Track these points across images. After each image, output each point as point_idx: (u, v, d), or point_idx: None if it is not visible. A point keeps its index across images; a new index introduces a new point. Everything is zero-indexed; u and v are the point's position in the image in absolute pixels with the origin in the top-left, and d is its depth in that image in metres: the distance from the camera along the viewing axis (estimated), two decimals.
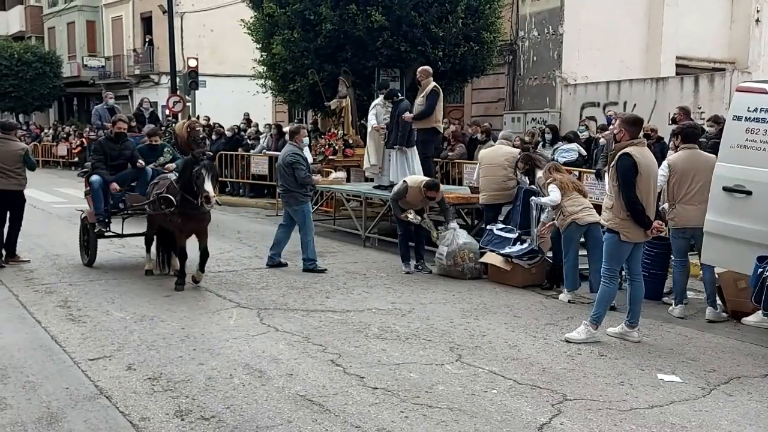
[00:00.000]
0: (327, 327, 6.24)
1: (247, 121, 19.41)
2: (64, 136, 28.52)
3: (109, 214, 8.64)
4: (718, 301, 6.85)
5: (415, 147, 10.33)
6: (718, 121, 8.37)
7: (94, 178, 8.62)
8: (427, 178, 8.96)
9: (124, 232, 9.04)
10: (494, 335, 6.11)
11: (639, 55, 18.07)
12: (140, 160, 8.83)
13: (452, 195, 9.94)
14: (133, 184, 8.90)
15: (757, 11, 19.29)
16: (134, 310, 6.75)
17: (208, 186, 7.07)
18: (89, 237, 8.74)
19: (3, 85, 33.13)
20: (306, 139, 9.48)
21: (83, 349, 5.56)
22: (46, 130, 31.35)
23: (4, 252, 8.93)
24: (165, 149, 9.65)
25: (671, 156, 7.05)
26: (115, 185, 8.55)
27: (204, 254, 7.65)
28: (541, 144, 12.59)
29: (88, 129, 29.10)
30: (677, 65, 18.16)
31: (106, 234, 8.73)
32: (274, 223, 10.69)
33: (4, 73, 33.01)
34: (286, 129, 17.28)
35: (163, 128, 14.63)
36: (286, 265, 8.90)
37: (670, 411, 4.52)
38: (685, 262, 6.91)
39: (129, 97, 34.13)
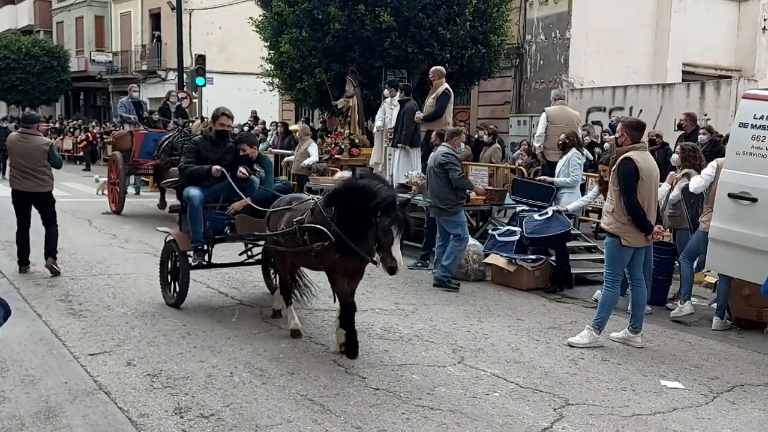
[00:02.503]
0: (329, 326, 6.21)
1: (254, 119, 19.41)
2: (70, 130, 28.57)
3: (210, 241, 6.60)
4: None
5: (419, 147, 10.32)
6: (711, 131, 8.50)
7: (193, 192, 6.43)
8: None
9: (214, 261, 6.91)
10: (497, 338, 6.09)
11: (646, 60, 18.05)
12: (243, 168, 6.55)
13: None
14: (233, 199, 6.61)
15: (764, 19, 19.26)
16: (135, 305, 6.74)
17: (397, 251, 4.90)
18: (178, 269, 6.64)
19: (11, 79, 33.24)
20: (463, 145, 9.10)
21: (83, 344, 5.55)
22: (52, 125, 31.41)
23: (26, 261, 8.04)
24: (262, 161, 7.04)
25: (719, 158, 6.84)
26: (236, 206, 6.45)
27: (349, 307, 5.43)
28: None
29: (93, 124, 29.23)
30: (684, 71, 18.15)
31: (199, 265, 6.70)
32: None
33: (12, 67, 33.12)
34: (293, 127, 17.33)
35: (183, 125, 13.22)
36: (456, 287, 7.83)
37: (672, 418, 4.49)
38: (694, 261, 6.86)
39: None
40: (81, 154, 26.07)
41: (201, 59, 21.94)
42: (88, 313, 6.43)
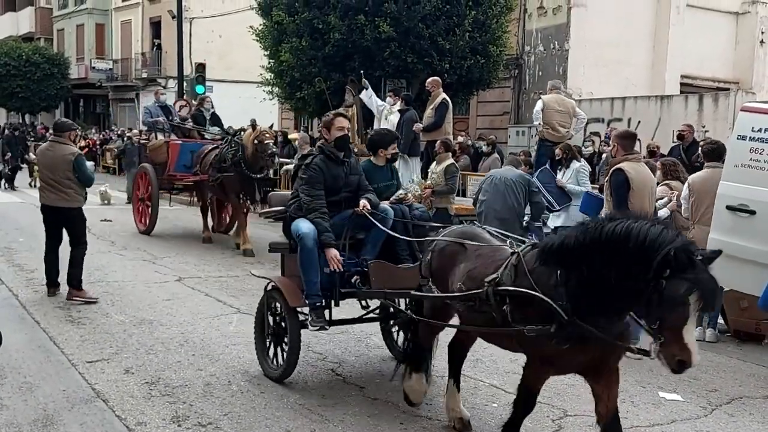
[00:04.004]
0: (328, 336, 6.19)
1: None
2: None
3: (334, 296, 4.89)
4: (720, 320, 6.81)
5: (417, 157, 10.35)
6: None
7: (305, 228, 4.76)
8: None
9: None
10: (496, 348, 6.04)
11: (644, 72, 18.14)
12: (369, 196, 4.97)
13: (456, 206, 9.93)
14: (360, 236, 5.05)
15: (762, 32, 19.39)
16: (134, 313, 6.73)
17: (692, 336, 3.04)
18: (284, 330, 4.98)
19: (11, 85, 33.33)
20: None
21: (81, 352, 5.53)
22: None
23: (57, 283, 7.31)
24: (394, 172, 5.64)
25: (692, 175, 6.94)
26: (335, 254, 4.76)
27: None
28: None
29: (93, 131, 29.26)
30: (682, 83, 18.24)
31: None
32: (274, 228, 10.57)
33: (12, 74, 33.22)
34: (292, 136, 17.36)
35: (227, 135, 11.37)
36: None
37: (671, 430, 4.49)
38: None
39: (135, 100, 34.25)
40: None
41: (201, 67, 21.96)
42: (87, 321, 6.42)
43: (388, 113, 10.83)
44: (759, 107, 6.47)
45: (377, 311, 5.40)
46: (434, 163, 9.02)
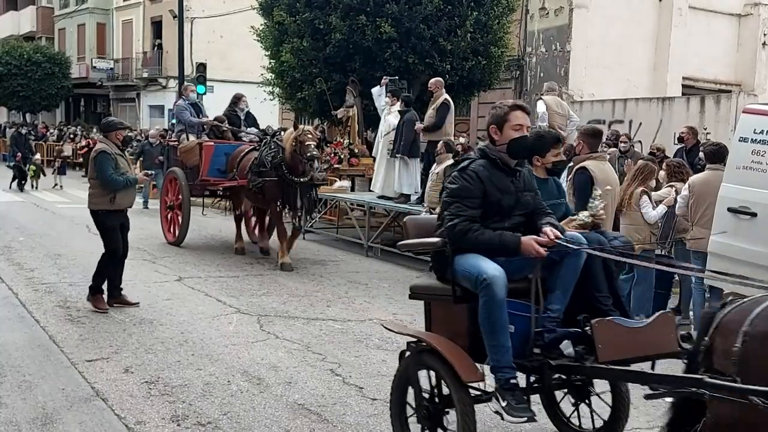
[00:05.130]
0: (327, 336, 6.21)
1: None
2: (70, 136, 28.60)
3: (545, 373, 3.47)
4: None
5: (418, 158, 10.34)
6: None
7: (491, 270, 3.37)
8: None
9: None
10: None
11: (646, 74, 18.13)
12: (551, 220, 3.64)
13: None
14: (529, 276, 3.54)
15: (764, 34, 19.39)
16: (134, 312, 6.73)
17: None
18: (441, 411, 3.66)
19: (12, 84, 33.32)
20: None
21: (81, 351, 5.53)
22: (51, 130, 31.49)
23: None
24: (559, 186, 4.70)
25: (692, 176, 6.93)
26: (535, 239, 3.42)
27: None
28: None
29: (94, 130, 29.25)
30: (683, 85, 18.22)
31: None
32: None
33: (14, 73, 33.20)
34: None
35: (266, 135, 10.45)
36: None
37: None
38: (705, 285, 6.63)
39: (136, 99, 34.28)
40: (81, 160, 26.07)
41: (202, 67, 21.98)
42: (86, 320, 6.42)
43: (387, 113, 10.83)
44: (761, 109, 6.45)
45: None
46: (435, 164, 9.02)
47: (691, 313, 6.89)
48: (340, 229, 12.55)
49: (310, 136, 9.07)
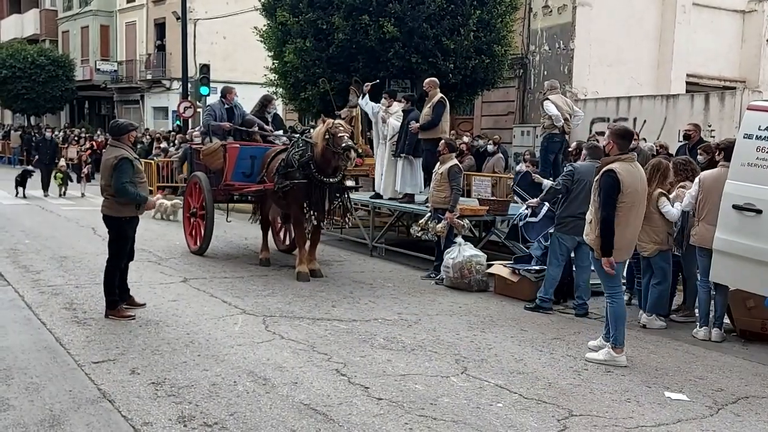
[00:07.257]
0: (332, 336, 6.22)
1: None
2: (75, 139, 28.67)
3: None
4: (726, 320, 6.78)
5: (421, 158, 10.34)
6: (708, 151, 8.02)
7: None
8: None
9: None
10: (500, 348, 6.08)
11: (650, 71, 18.09)
12: None
13: (461, 206, 9.92)
14: None
15: None
16: (139, 314, 6.74)
17: None
18: None
19: (16, 87, 33.45)
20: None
21: (87, 352, 5.55)
22: (56, 132, 31.57)
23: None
24: None
25: (703, 172, 6.85)
26: None
27: None
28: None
29: (98, 132, 29.33)
30: (688, 83, 18.19)
31: None
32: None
33: (18, 75, 33.33)
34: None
35: (294, 133, 10.14)
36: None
37: (676, 429, 4.47)
38: (710, 282, 6.57)
39: (140, 101, 34.37)
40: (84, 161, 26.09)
41: (205, 69, 22.06)
42: (92, 321, 6.44)
43: (386, 115, 10.79)
44: (765, 106, 6.44)
45: None
46: (438, 163, 9.02)
47: (696, 310, 6.87)
48: (344, 229, 12.55)
49: (342, 127, 8.57)
